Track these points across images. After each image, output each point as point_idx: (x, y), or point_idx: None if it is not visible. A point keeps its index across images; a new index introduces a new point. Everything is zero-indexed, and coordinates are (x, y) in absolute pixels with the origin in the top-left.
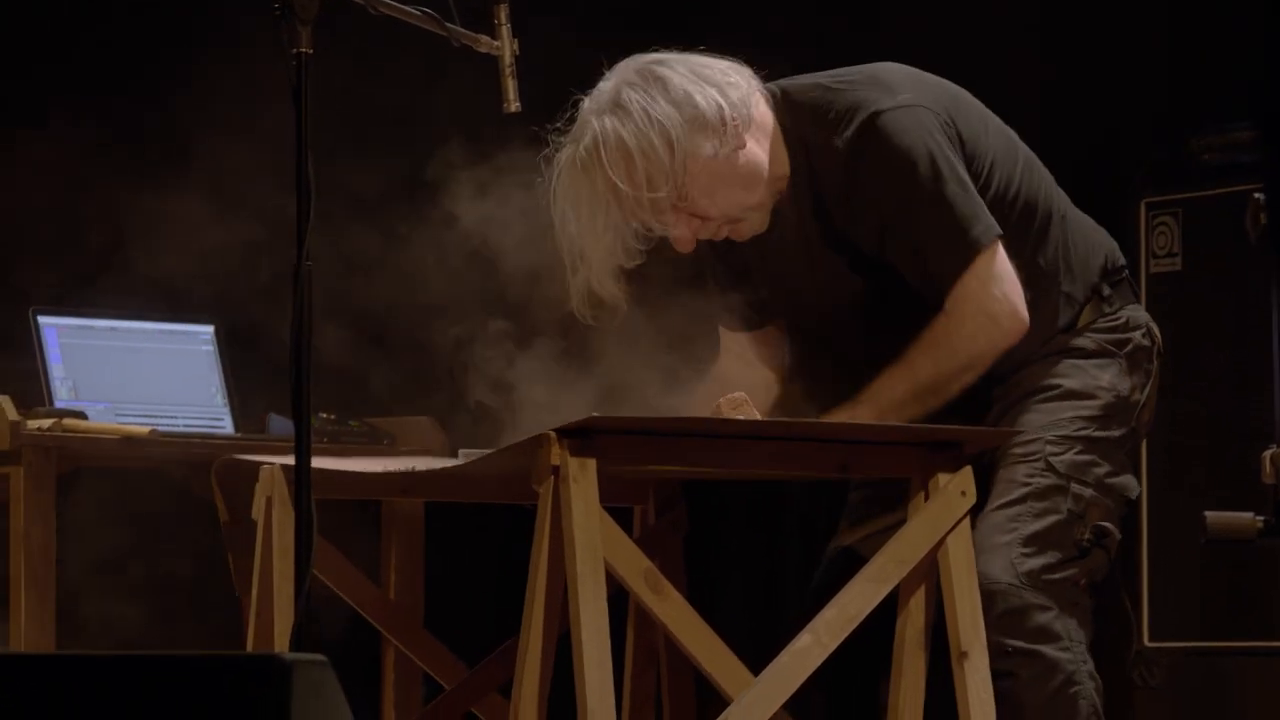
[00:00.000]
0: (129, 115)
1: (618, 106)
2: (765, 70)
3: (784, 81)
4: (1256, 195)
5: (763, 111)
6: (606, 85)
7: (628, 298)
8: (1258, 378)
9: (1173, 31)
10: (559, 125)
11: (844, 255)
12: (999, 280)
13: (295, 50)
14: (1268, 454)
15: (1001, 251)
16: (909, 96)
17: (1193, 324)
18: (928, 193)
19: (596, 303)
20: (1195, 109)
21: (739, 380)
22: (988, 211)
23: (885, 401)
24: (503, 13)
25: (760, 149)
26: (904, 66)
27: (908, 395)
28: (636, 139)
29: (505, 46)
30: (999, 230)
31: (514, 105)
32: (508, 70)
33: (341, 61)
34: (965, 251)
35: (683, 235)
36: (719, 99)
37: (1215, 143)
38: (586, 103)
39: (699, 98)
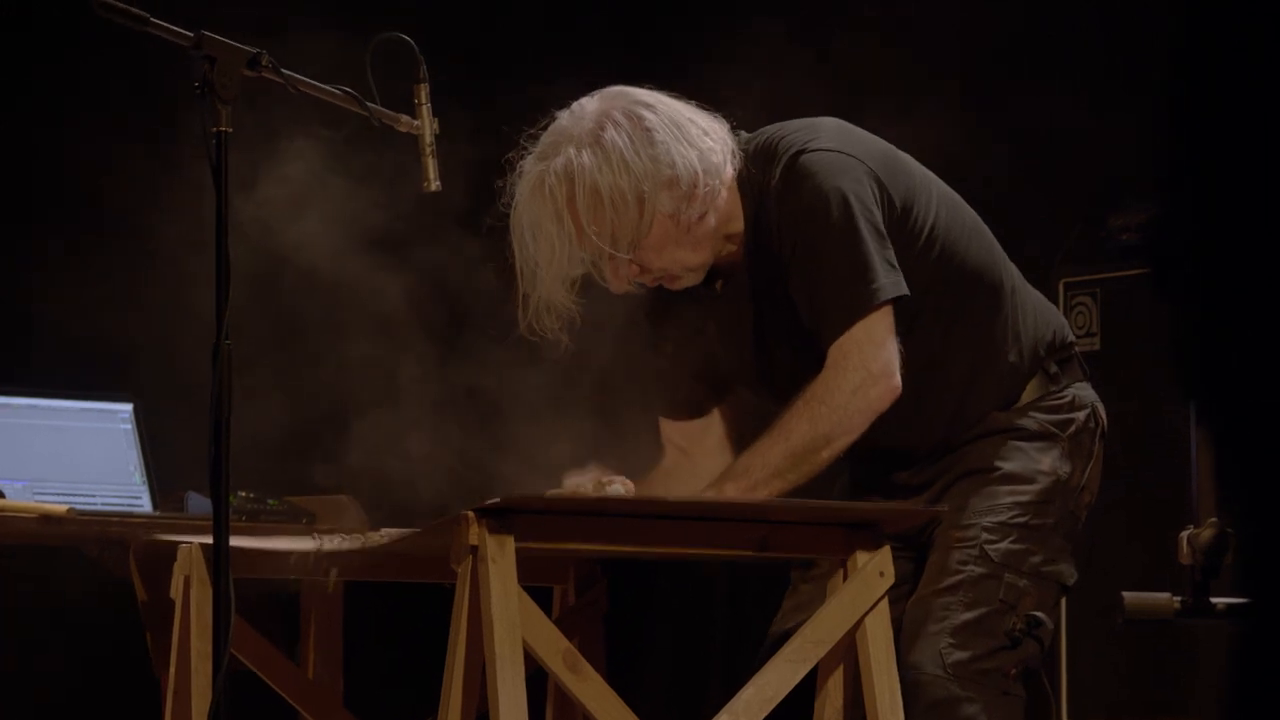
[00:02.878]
0: (49, 195)
1: (598, 145)
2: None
3: (744, 135)
4: (1184, 534)
5: (729, 174)
6: (589, 111)
7: (572, 328)
8: (1175, 457)
9: (1092, 111)
10: (530, 132)
11: (784, 308)
12: (883, 342)
13: (215, 129)
14: (1185, 534)
15: (891, 315)
16: (837, 144)
17: (1110, 403)
18: (834, 237)
19: (540, 329)
20: (1113, 188)
21: (682, 476)
22: (896, 271)
23: (757, 474)
24: (423, 92)
25: (718, 213)
26: (844, 122)
27: (783, 463)
28: (611, 188)
29: (426, 126)
30: (901, 291)
31: (434, 185)
32: (428, 150)
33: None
34: (859, 303)
35: (620, 280)
36: (696, 165)
37: (1133, 222)
38: (565, 121)
39: (678, 160)
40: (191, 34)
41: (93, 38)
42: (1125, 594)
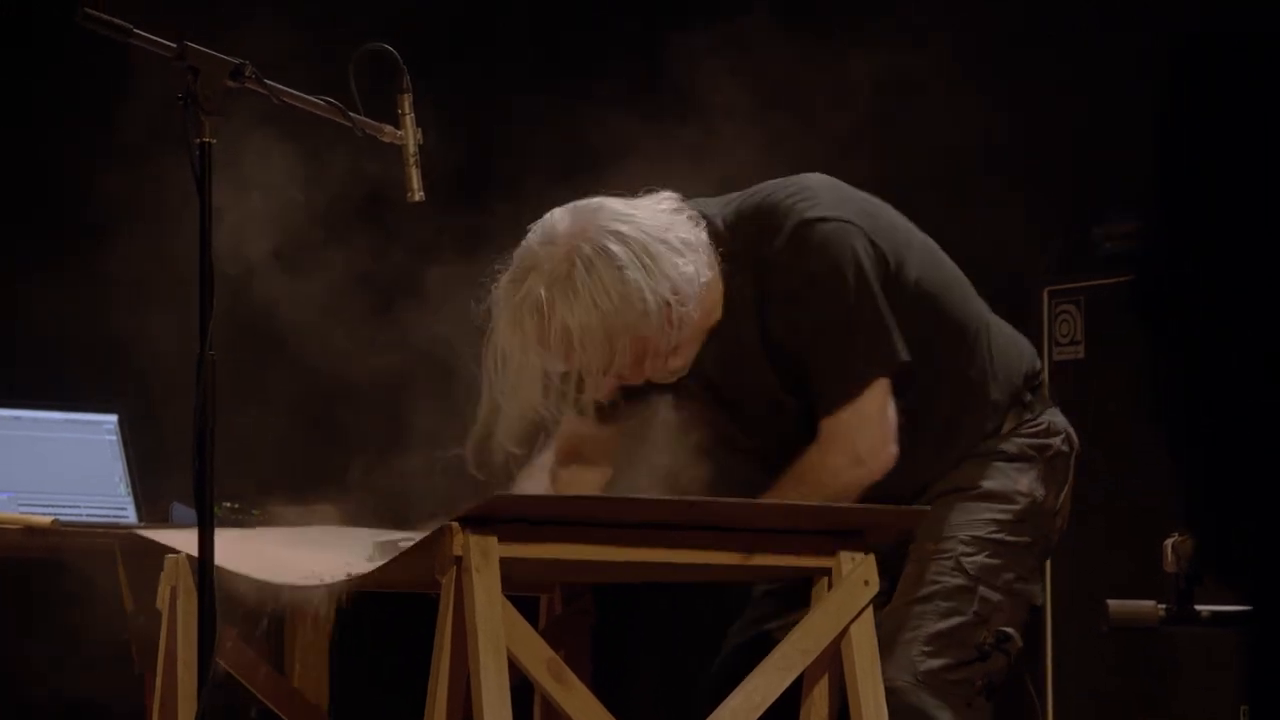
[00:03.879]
0: (32, 206)
1: (568, 282)
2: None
3: (720, 202)
4: (1168, 542)
5: (708, 276)
6: (560, 237)
7: (518, 465)
8: (1160, 465)
9: (1076, 120)
10: (501, 260)
11: (781, 368)
12: (874, 419)
13: (199, 140)
14: (1169, 542)
15: (887, 387)
16: (838, 211)
17: (1095, 411)
18: (832, 315)
19: (487, 463)
20: (1097, 197)
21: (572, 479)
22: (895, 339)
23: None
24: (406, 103)
25: (698, 313)
26: (833, 181)
27: None
28: (581, 328)
29: (409, 136)
30: (900, 359)
31: (417, 195)
32: (411, 160)
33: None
34: (853, 382)
35: (606, 391)
36: (668, 295)
37: (1117, 231)
38: (536, 244)
39: (649, 295)
40: (175, 45)
41: (76, 49)
42: (1110, 602)
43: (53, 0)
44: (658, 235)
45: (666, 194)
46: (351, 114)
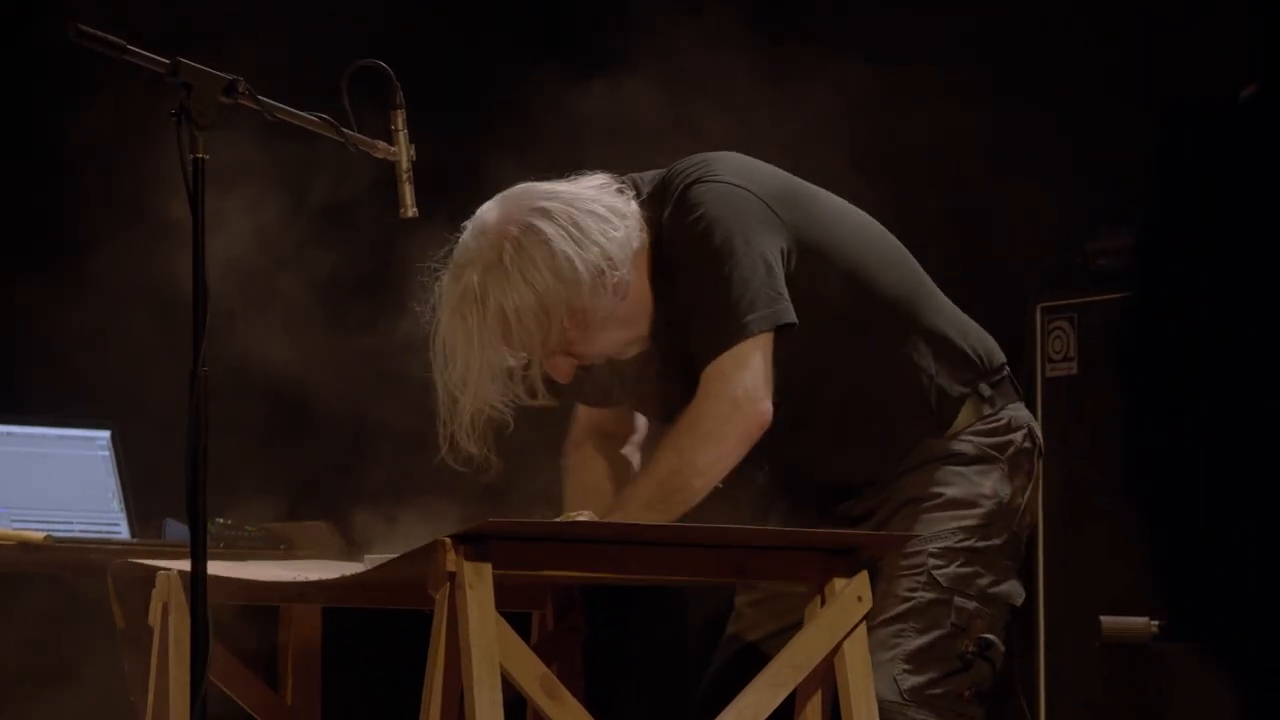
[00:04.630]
0: (26, 224)
1: (499, 266)
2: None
3: (642, 176)
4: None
5: (639, 242)
6: (489, 227)
7: (495, 451)
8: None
9: (1070, 136)
10: (439, 256)
11: (676, 330)
12: (751, 368)
13: (192, 155)
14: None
15: (768, 344)
16: (729, 176)
17: (1089, 427)
18: (714, 269)
19: (466, 457)
20: (1091, 214)
21: (596, 451)
22: (781, 300)
23: (630, 507)
24: (399, 118)
25: (641, 284)
26: (742, 156)
27: (653, 494)
28: (517, 307)
29: (402, 152)
30: (783, 319)
31: (411, 210)
32: (405, 176)
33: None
34: (731, 335)
35: (562, 373)
36: (599, 261)
37: (1110, 247)
38: (468, 238)
39: (579, 264)
40: (168, 61)
41: (70, 70)
42: (1103, 618)
43: (46, 13)
44: (584, 207)
45: (597, 173)
46: (344, 130)
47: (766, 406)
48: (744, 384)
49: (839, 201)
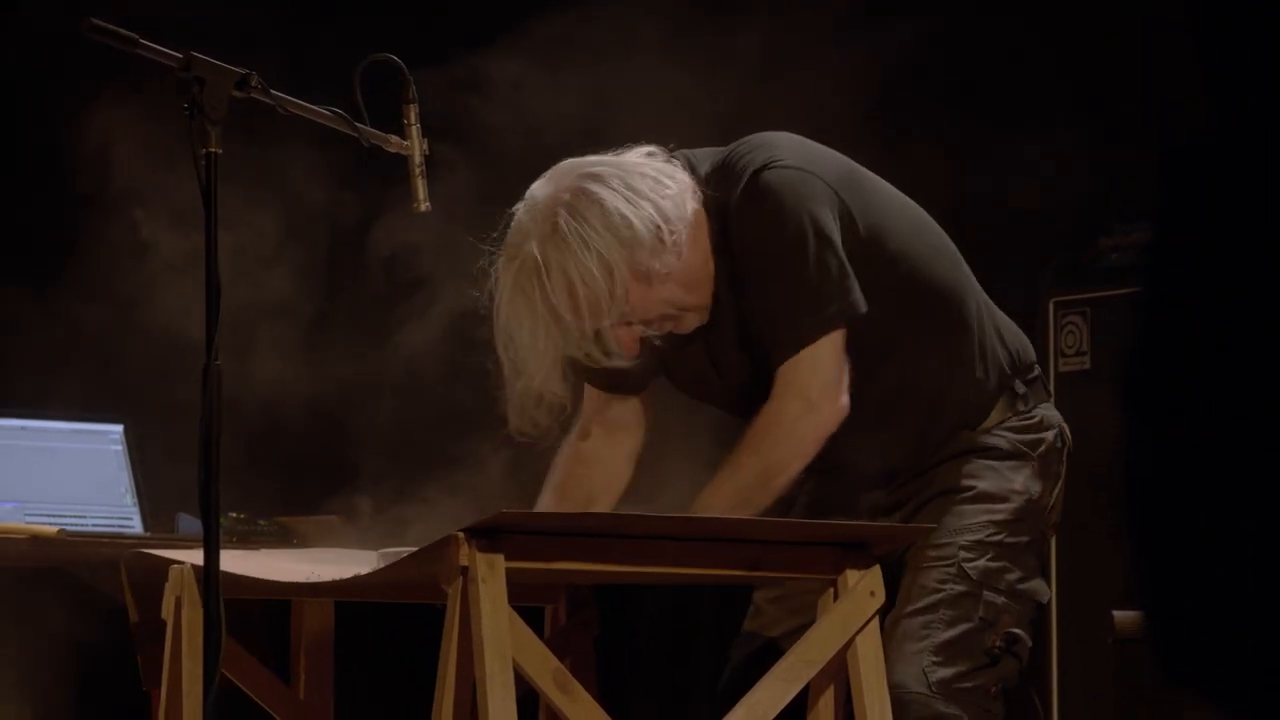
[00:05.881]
0: (39, 217)
1: (555, 233)
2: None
3: (703, 153)
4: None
5: (694, 207)
6: (540, 198)
7: (560, 418)
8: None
9: (1084, 131)
10: (495, 236)
11: (741, 318)
12: (827, 364)
13: (204, 150)
14: None
15: (841, 338)
16: (797, 161)
17: (1099, 422)
18: (788, 258)
19: (533, 422)
20: (1104, 209)
21: (595, 453)
22: (852, 291)
23: (715, 512)
24: (412, 113)
25: (697, 247)
26: (804, 139)
27: (736, 498)
28: (578, 270)
29: (415, 146)
30: (856, 311)
31: (423, 205)
32: (417, 170)
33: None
34: (807, 329)
35: (628, 343)
36: (655, 217)
37: (1123, 242)
38: (522, 215)
39: (635, 221)
40: (180, 55)
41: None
42: (1116, 613)
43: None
44: (634, 169)
45: (641, 144)
46: (358, 124)
47: (844, 402)
48: (820, 381)
49: (890, 187)
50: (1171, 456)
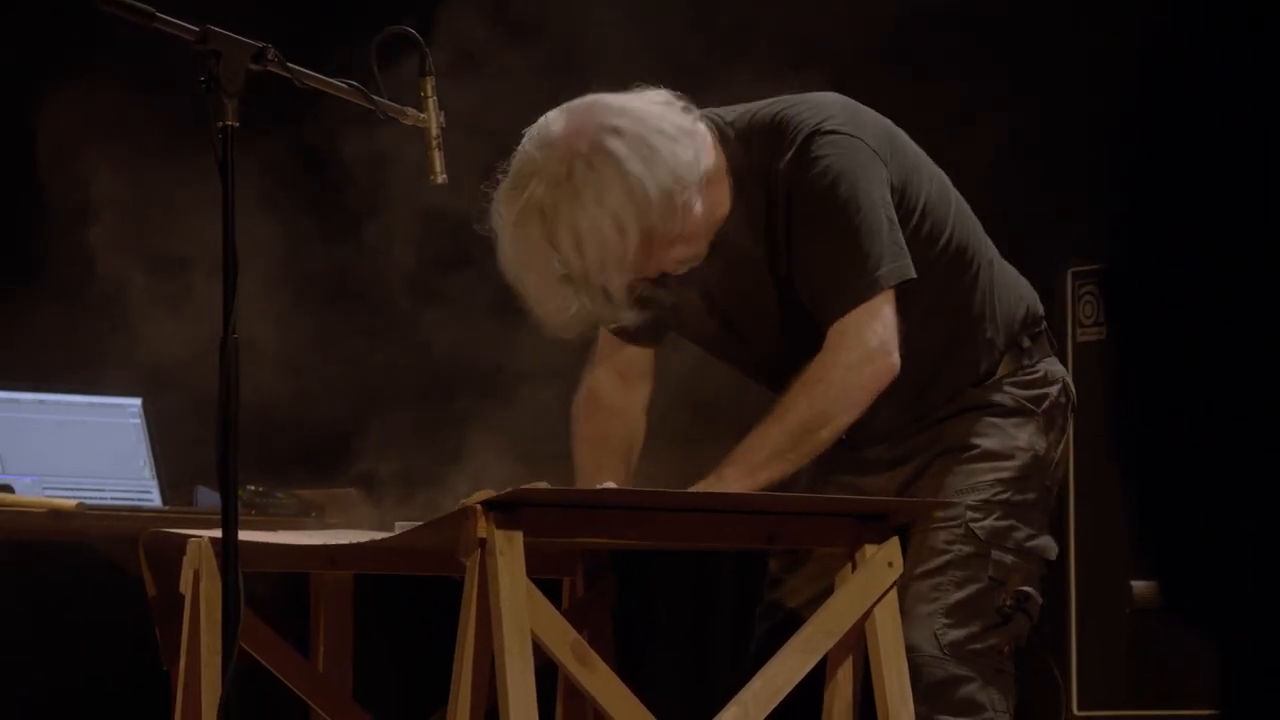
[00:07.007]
0: (56, 190)
1: (569, 183)
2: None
3: (733, 112)
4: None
5: (709, 161)
6: (556, 139)
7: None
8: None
9: (1102, 99)
10: (503, 168)
11: (789, 287)
12: (883, 322)
13: (221, 123)
14: None
15: (893, 298)
16: (848, 126)
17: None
18: (842, 222)
19: (564, 328)
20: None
21: (614, 403)
22: (905, 254)
23: (758, 456)
24: (429, 85)
25: (705, 202)
26: (844, 97)
27: (783, 442)
28: (590, 225)
29: (431, 119)
30: (907, 274)
31: (440, 178)
32: (434, 143)
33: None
34: (862, 290)
35: (627, 287)
36: (670, 180)
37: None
38: (533, 148)
39: (649, 183)
40: (197, 29)
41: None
42: (1134, 583)
43: None
44: (654, 125)
45: (659, 90)
46: (375, 97)
47: (896, 359)
48: (877, 336)
49: (918, 148)
50: (1171, 456)
